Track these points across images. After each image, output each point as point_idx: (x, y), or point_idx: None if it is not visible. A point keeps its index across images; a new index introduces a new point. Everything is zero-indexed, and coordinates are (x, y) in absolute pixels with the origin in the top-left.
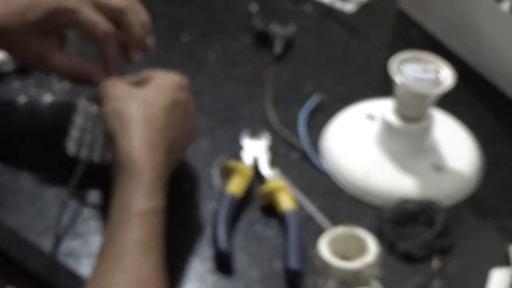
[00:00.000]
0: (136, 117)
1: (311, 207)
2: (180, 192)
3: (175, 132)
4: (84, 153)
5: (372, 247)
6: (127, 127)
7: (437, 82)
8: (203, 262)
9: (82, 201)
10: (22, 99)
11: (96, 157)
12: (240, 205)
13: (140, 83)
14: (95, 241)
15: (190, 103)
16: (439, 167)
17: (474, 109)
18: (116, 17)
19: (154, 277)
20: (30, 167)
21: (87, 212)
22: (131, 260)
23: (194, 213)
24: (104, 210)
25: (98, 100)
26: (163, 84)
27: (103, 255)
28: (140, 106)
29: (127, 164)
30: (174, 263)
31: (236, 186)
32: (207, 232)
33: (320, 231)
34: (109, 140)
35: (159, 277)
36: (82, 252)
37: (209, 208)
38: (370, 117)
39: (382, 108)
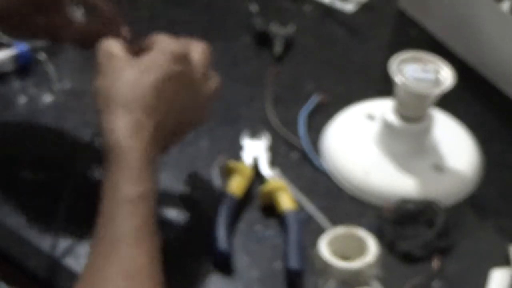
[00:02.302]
0: (121, 98)
1: (311, 207)
2: (181, 192)
3: (168, 109)
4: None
5: (372, 247)
6: (111, 109)
7: (437, 82)
8: (203, 262)
9: (82, 200)
10: (22, 99)
11: None
12: (240, 205)
13: (142, 50)
14: None
15: (191, 74)
16: (439, 167)
17: (474, 109)
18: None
19: (147, 266)
20: (30, 167)
21: (87, 211)
22: (122, 250)
23: (194, 213)
24: None
25: None
26: (157, 57)
27: (94, 246)
28: (127, 86)
29: (112, 149)
30: (174, 263)
31: (236, 186)
32: (207, 232)
33: (320, 231)
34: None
35: (152, 266)
36: (82, 252)
37: (209, 208)
38: (370, 117)
39: (382, 108)
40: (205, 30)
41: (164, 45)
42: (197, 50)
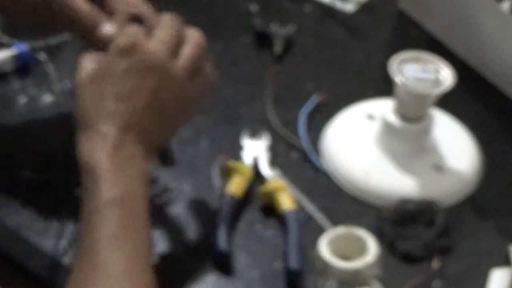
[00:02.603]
0: (86, 117)
1: (311, 207)
2: (180, 192)
3: (131, 107)
4: None
5: (372, 247)
6: (79, 129)
7: (437, 82)
8: (203, 262)
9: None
10: (22, 99)
11: None
12: (240, 205)
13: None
14: None
15: (150, 67)
16: (439, 167)
17: (474, 109)
18: None
19: (128, 271)
20: (30, 167)
21: None
22: (101, 258)
23: (194, 213)
24: None
25: None
26: (108, 58)
27: (79, 252)
28: (88, 103)
29: (82, 163)
30: (174, 263)
31: (236, 186)
32: (207, 232)
33: (320, 231)
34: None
35: (134, 269)
36: None
37: (209, 208)
38: (370, 117)
39: (382, 108)
40: (205, 30)
41: (116, 41)
42: (190, 36)
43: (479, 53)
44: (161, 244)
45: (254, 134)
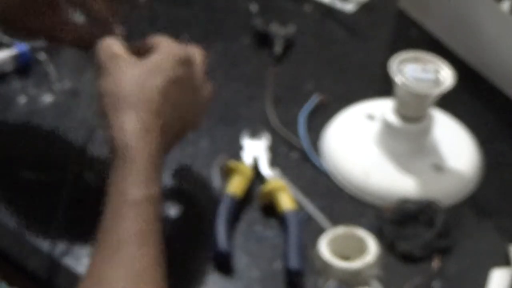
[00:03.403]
0: (130, 99)
1: (311, 207)
2: (180, 192)
3: (173, 112)
4: None
5: (372, 247)
6: (120, 110)
7: (437, 82)
8: (203, 262)
9: (82, 200)
10: (22, 99)
11: None
12: (240, 205)
13: (143, 51)
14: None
15: (193, 78)
16: (439, 167)
17: (474, 109)
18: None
19: (151, 269)
20: (30, 167)
21: (87, 212)
22: (126, 252)
23: (194, 213)
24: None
25: None
26: (162, 60)
27: (98, 247)
28: (135, 87)
29: (120, 150)
30: (174, 263)
31: (236, 186)
32: (207, 232)
33: (320, 231)
34: (103, 119)
35: (156, 269)
36: (82, 252)
37: (209, 208)
38: (370, 117)
39: (382, 108)
40: (205, 30)
41: (168, 48)
42: (196, 54)
43: (479, 53)
44: None
45: (254, 134)
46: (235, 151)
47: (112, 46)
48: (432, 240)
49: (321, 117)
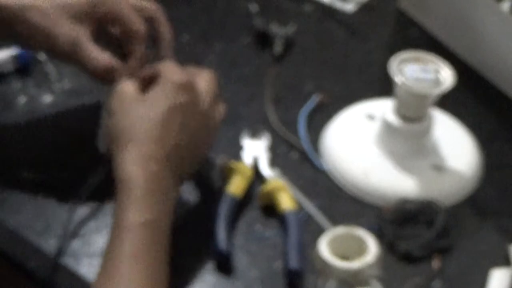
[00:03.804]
0: (132, 133)
1: (311, 207)
2: (180, 192)
3: (179, 138)
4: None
5: (372, 247)
6: (122, 145)
7: (437, 82)
8: (203, 262)
9: (82, 201)
10: (22, 99)
11: None
12: (240, 205)
13: (150, 81)
14: (95, 241)
15: (197, 102)
16: (439, 167)
17: (474, 109)
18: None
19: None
20: (30, 167)
21: (86, 212)
22: (124, 272)
23: (194, 213)
24: (104, 209)
25: None
26: (163, 90)
27: (101, 268)
28: (136, 120)
29: (120, 179)
30: (174, 263)
31: (236, 186)
32: (207, 232)
33: (320, 231)
34: (112, 156)
35: (154, 287)
36: (82, 252)
37: (209, 208)
38: (370, 117)
39: (382, 108)
40: (205, 30)
41: (169, 75)
42: (204, 78)
43: (479, 53)
44: None
45: (254, 134)
46: (235, 151)
47: (123, 86)
48: (432, 240)
49: (321, 117)
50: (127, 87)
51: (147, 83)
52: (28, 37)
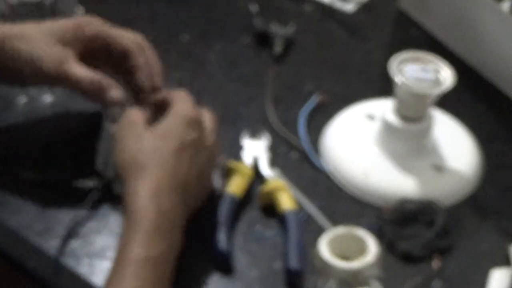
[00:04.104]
0: (144, 165)
1: (311, 207)
2: None
3: (188, 173)
4: (109, 173)
5: (372, 247)
6: (134, 176)
7: (437, 82)
8: (203, 262)
9: (82, 201)
10: (22, 99)
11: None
12: (240, 205)
13: (159, 110)
14: (95, 241)
15: (204, 138)
16: (439, 167)
17: (474, 109)
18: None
19: None
20: (30, 167)
21: (86, 212)
22: None
23: (194, 213)
24: (104, 209)
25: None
26: (174, 124)
27: None
28: (148, 151)
29: (129, 212)
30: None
31: (236, 186)
32: (207, 232)
33: (320, 231)
34: (122, 185)
35: None
36: (82, 252)
37: (209, 208)
38: (370, 117)
39: (382, 108)
40: (205, 30)
41: (180, 109)
42: (208, 116)
43: (479, 53)
44: None
45: (254, 134)
46: (235, 151)
47: (132, 115)
48: (432, 240)
49: (321, 117)
50: (136, 116)
51: (157, 109)
52: (14, 64)
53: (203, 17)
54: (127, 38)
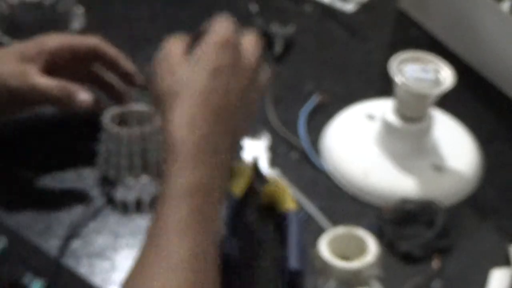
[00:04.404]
0: (177, 95)
1: (311, 207)
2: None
3: (223, 98)
4: (111, 174)
5: (372, 247)
6: (169, 107)
7: (437, 82)
8: None
9: (82, 201)
10: None
11: (122, 177)
12: (240, 205)
13: (198, 38)
14: (95, 241)
15: (240, 62)
16: (439, 167)
17: (474, 109)
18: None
19: (189, 260)
20: (30, 167)
21: (86, 212)
22: (169, 242)
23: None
24: (104, 210)
25: (120, 121)
26: (206, 51)
27: (147, 236)
28: (181, 82)
29: (168, 144)
30: None
31: (236, 186)
32: None
33: (320, 231)
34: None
35: (196, 260)
36: (82, 252)
37: None
38: (370, 117)
39: (382, 108)
40: None
41: (214, 33)
42: (248, 40)
43: (479, 53)
44: None
45: (254, 134)
46: None
47: (170, 45)
48: (432, 240)
49: (321, 117)
50: (173, 45)
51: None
52: None
53: (203, 17)
54: (90, 39)
